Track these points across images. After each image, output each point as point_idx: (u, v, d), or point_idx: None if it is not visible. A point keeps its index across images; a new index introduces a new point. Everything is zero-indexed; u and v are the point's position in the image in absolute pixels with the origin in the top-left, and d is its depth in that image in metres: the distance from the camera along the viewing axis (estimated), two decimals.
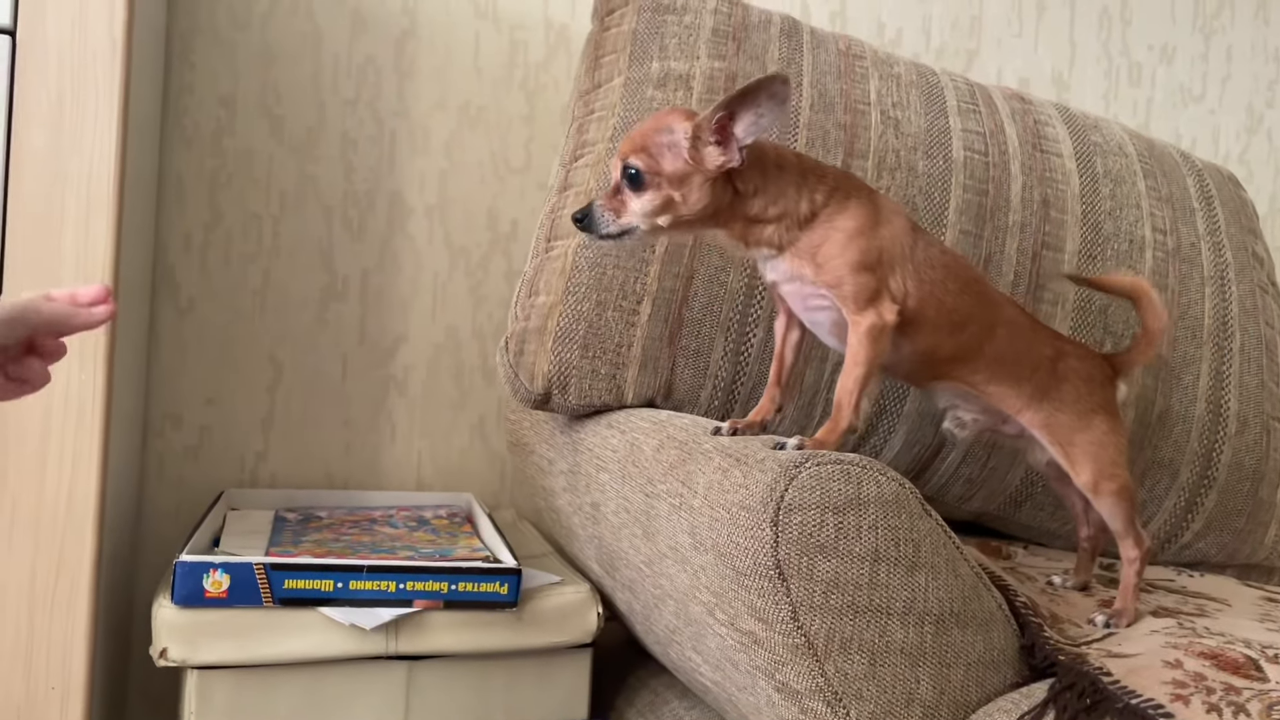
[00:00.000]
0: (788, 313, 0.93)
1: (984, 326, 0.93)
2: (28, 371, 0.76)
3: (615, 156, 0.88)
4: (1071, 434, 0.94)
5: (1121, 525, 0.96)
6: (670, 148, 0.85)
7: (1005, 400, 0.94)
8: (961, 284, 0.92)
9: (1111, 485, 0.94)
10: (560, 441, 1.15)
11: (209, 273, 1.43)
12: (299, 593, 1.02)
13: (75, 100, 0.95)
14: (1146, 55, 1.91)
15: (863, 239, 0.86)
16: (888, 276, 0.87)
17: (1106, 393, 0.98)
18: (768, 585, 0.74)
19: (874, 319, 0.85)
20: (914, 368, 0.94)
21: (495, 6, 1.52)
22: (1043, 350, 0.96)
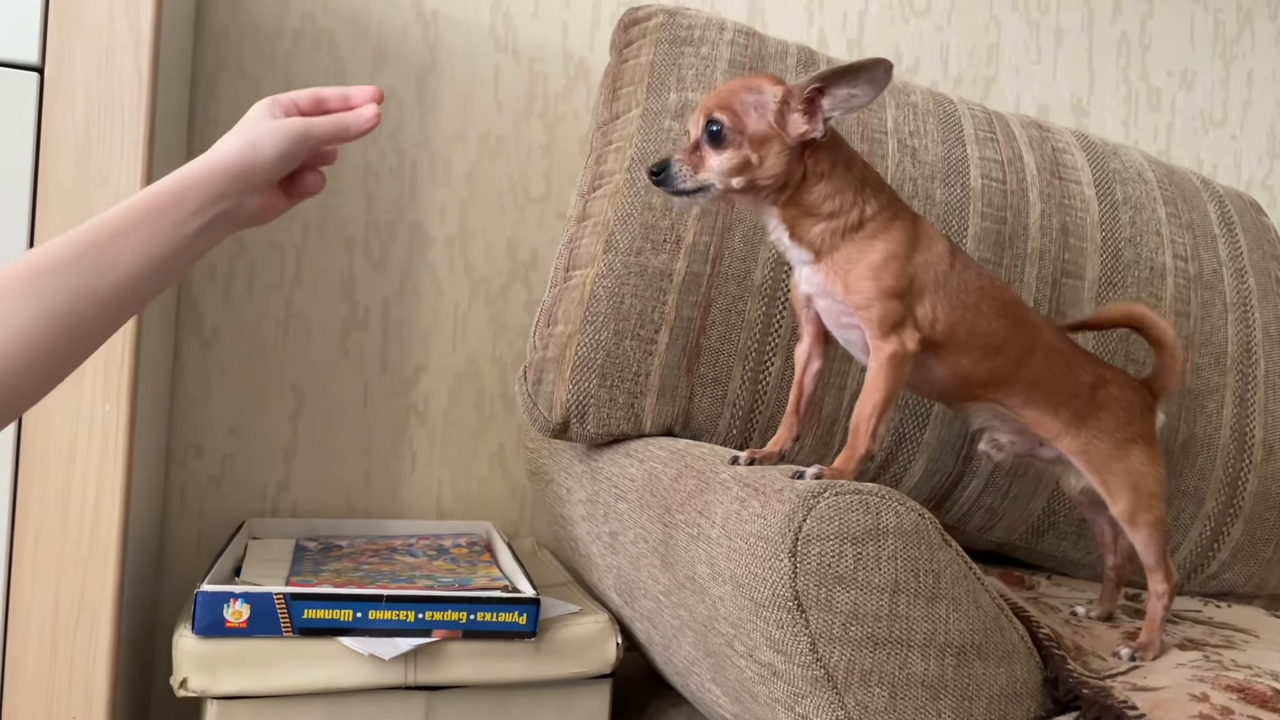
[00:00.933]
0: (812, 339, 0.93)
1: (1021, 350, 0.92)
2: (306, 186, 0.85)
3: (698, 111, 0.87)
4: (1109, 462, 0.93)
5: (1154, 558, 0.94)
6: (757, 107, 0.85)
7: (1041, 425, 0.94)
8: (998, 307, 0.92)
9: (1148, 517, 0.93)
10: (579, 470, 1.15)
11: (232, 303, 1.44)
12: (318, 622, 1.02)
13: (102, 135, 0.97)
14: (1166, 81, 1.90)
15: (896, 264, 0.86)
16: (915, 304, 0.87)
17: (1146, 422, 0.97)
18: (786, 617, 0.74)
19: (896, 346, 0.85)
20: (947, 389, 0.94)
21: (515, 40, 1.54)
22: (1082, 377, 0.95)
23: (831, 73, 0.82)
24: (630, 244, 1.09)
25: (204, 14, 1.42)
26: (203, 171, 0.75)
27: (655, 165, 0.87)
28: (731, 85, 0.87)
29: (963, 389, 0.93)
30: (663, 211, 1.11)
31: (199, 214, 0.74)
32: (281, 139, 0.78)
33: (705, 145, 0.86)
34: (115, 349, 0.97)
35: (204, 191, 0.74)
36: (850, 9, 1.70)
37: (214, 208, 0.75)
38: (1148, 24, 1.88)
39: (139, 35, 0.98)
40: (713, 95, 0.88)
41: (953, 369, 0.90)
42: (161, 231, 0.71)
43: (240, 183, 0.77)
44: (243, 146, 0.77)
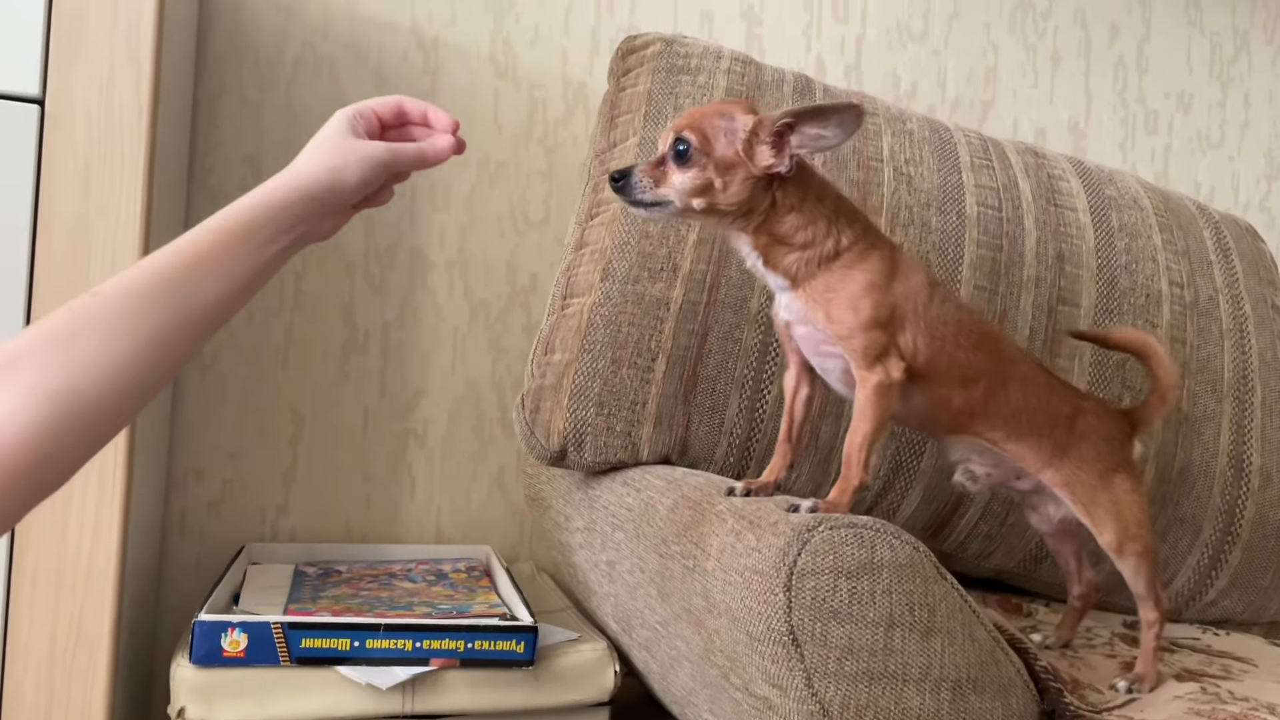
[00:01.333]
0: (798, 366, 0.93)
1: (996, 381, 0.93)
2: (375, 200, 0.87)
3: (668, 128, 0.88)
4: (1094, 493, 0.93)
5: (1144, 587, 0.94)
6: (726, 133, 0.85)
7: (1025, 458, 0.94)
8: (975, 340, 0.92)
9: (1135, 546, 0.93)
10: (577, 498, 1.15)
11: (232, 328, 1.45)
12: (316, 651, 1.02)
13: (102, 167, 0.97)
14: (1163, 103, 1.91)
15: (876, 293, 0.86)
16: (898, 333, 0.87)
17: (1125, 451, 0.98)
18: (781, 651, 0.74)
19: (881, 376, 0.85)
20: (928, 419, 0.94)
21: (515, 66, 1.55)
22: (1060, 407, 0.95)
23: (802, 110, 0.83)
24: (627, 272, 1.10)
25: (205, 41, 1.43)
26: (283, 195, 0.75)
27: (617, 172, 0.88)
28: (705, 108, 0.88)
29: (943, 420, 0.93)
30: (660, 240, 1.11)
31: (279, 238, 0.75)
32: (366, 167, 0.79)
33: (670, 162, 0.86)
34: None
35: (285, 217, 0.75)
36: (848, 35, 1.71)
37: (294, 231, 0.76)
38: (1144, 47, 1.89)
39: (139, 67, 0.98)
40: (684, 115, 0.88)
41: (931, 399, 0.90)
42: (243, 256, 0.72)
43: (322, 207, 0.78)
44: (327, 172, 0.77)
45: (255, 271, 0.73)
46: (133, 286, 0.66)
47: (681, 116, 0.88)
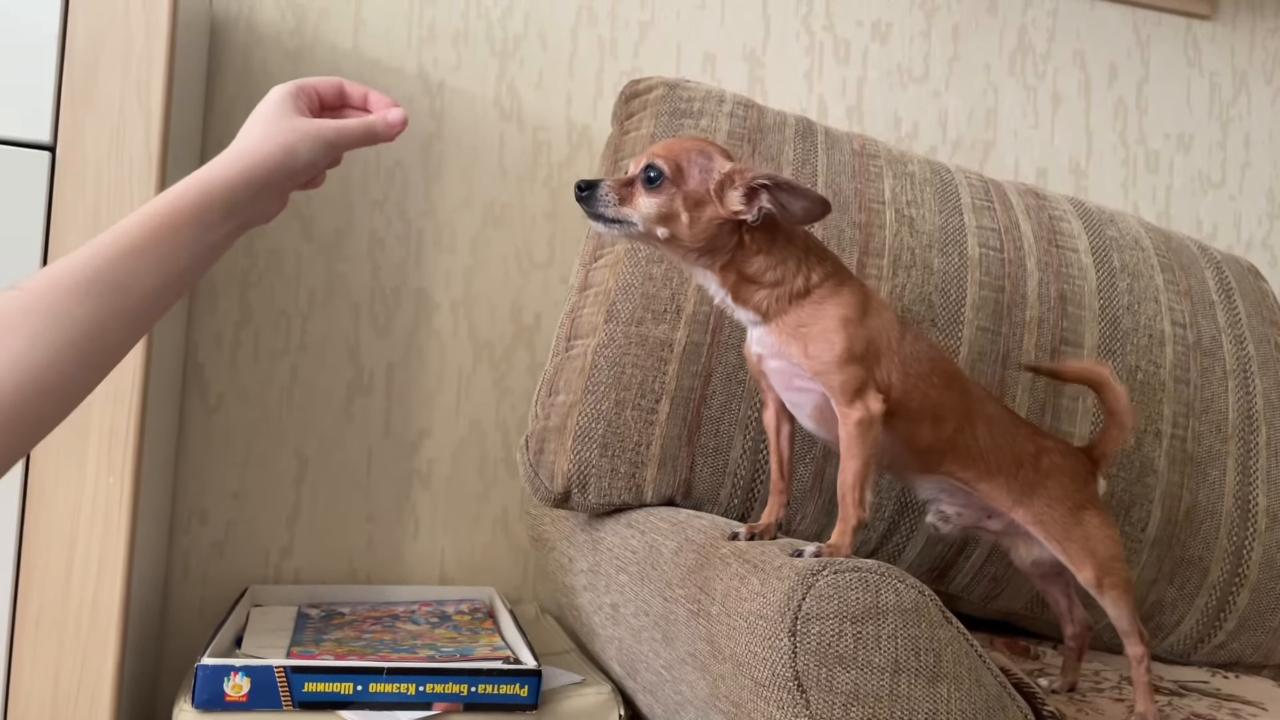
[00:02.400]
0: (776, 403, 0.93)
1: (965, 420, 0.93)
2: (318, 180, 0.85)
3: (643, 152, 0.88)
4: (1067, 530, 0.94)
5: (1126, 622, 0.94)
6: (701, 170, 0.86)
7: (996, 497, 0.94)
8: (946, 379, 0.93)
9: (1113, 580, 0.93)
10: (581, 540, 1.15)
11: (238, 370, 1.45)
12: (319, 695, 1.02)
13: (112, 214, 0.99)
14: (1164, 144, 1.93)
15: (851, 327, 0.86)
16: (874, 367, 0.87)
17: (1091, 488, 0.98)
18: (787, 697, 0.73)
19: (862, 412, 0.85)
20: (895, 458, 0.94)
21: (519, 109, 1.57)
22: (1025, 446, 0.96)
23: (780, 180, 0.84)
24: (631, 314, 1.10)
25: (214, 87, 1.45)
26: (233, 175, 0.72)
27: (584, 181, 0.87)
28: (684, 141, 0.88)
29: (914, 459, 0.93)
30: (663, 281, 1.12)
31: (227, 220, 0.71)
32: (316, 146, 0.76)
33: (639, 184, 0.86)
34: (119, 422, 0.98)
35: (232, 198, 0.71)
36: (849, 76, 1.73)
37: (244, 213, 0.72)
38: (1144, 88, 1.91)
39: (149, 116, 1.00)
40: (662, 143, 0.88)
41: (903, 437, 0.90)
42: (189, 241, 0.68)
43: (271, 189, 0.75)
44: (280, 150, 0.74)
45: (200, 257, 0.69)
46: (64, 279, 0.62)
47: (659, 144, 0.88)
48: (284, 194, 0.79)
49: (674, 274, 1.12)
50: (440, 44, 1.54)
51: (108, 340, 0.63)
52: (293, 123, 0.76)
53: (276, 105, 0.77)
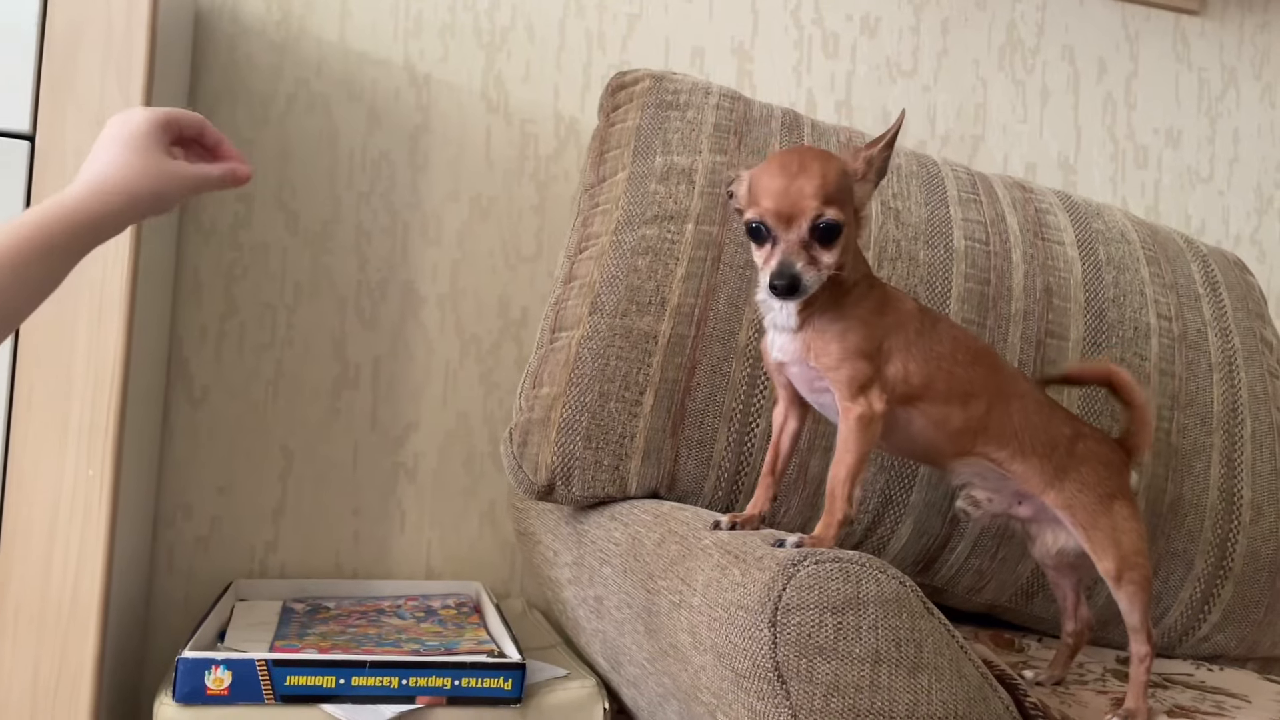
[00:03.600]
0: (787, 402, 0.93)
1: (997, 397, 0.93)
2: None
3: (791, 205, 0.81)
4: (1095, 518, 0.93)
5: (1138, 619, 0.94)
6: (850, 193, 0.84)
7: (1029, 479, 0.93)
8: (973, 355, 0.93)
9: (1134, 575, 0.93)
10: (565, 533, 1.14)
11: (223, 363, 1.45)
12: (301, 689, 1.01)
13: None
14: (1152, 139, 1.93)
15: (866, 327, 0.87)
16: (885, 364, 0.87)
17: (1123, 478, 0.98)
18: (767, 688, 0.73)
19: (863, 408, 0.85)
20: (932, 444, 0.93)
21: (506, 101, 1.56)
22: (1061, 429, 0.95)
23: (890, 138, 0.86)
24: (616, 306, 1.10)
25: (198, 79, 1.44)
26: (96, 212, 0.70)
27: (786, 280, 0.81)
28: (827, 174, 0.82)
29: (947, 442, 0.93)
30: (648, 274, 1.11)
31: (84, 252, 0.69)
32: (182, 191, 0.75)
33: (815, 242, 0.82)
34: (99, 414, 0.97)
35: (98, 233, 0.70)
36: (838, 71, 1.73)
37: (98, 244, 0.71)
38: (1132, 83, 1.91)
39: (130, 103, 0.99)
40: (810, 180, 0.82)
41: (932, 420, 0.90)
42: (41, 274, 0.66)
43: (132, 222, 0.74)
44: (147, 194, 0.73)
45: (47, 287, 0.68)
46: None
47: (805, 179, 0.82)
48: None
49: (659, 266, 1.12)
50: (427, 36, 1.53)
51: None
52: (163, 164, 0.75)
53: (145, 138, 0.75)
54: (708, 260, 1.13)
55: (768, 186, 0.83)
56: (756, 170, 0.86)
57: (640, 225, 1.14)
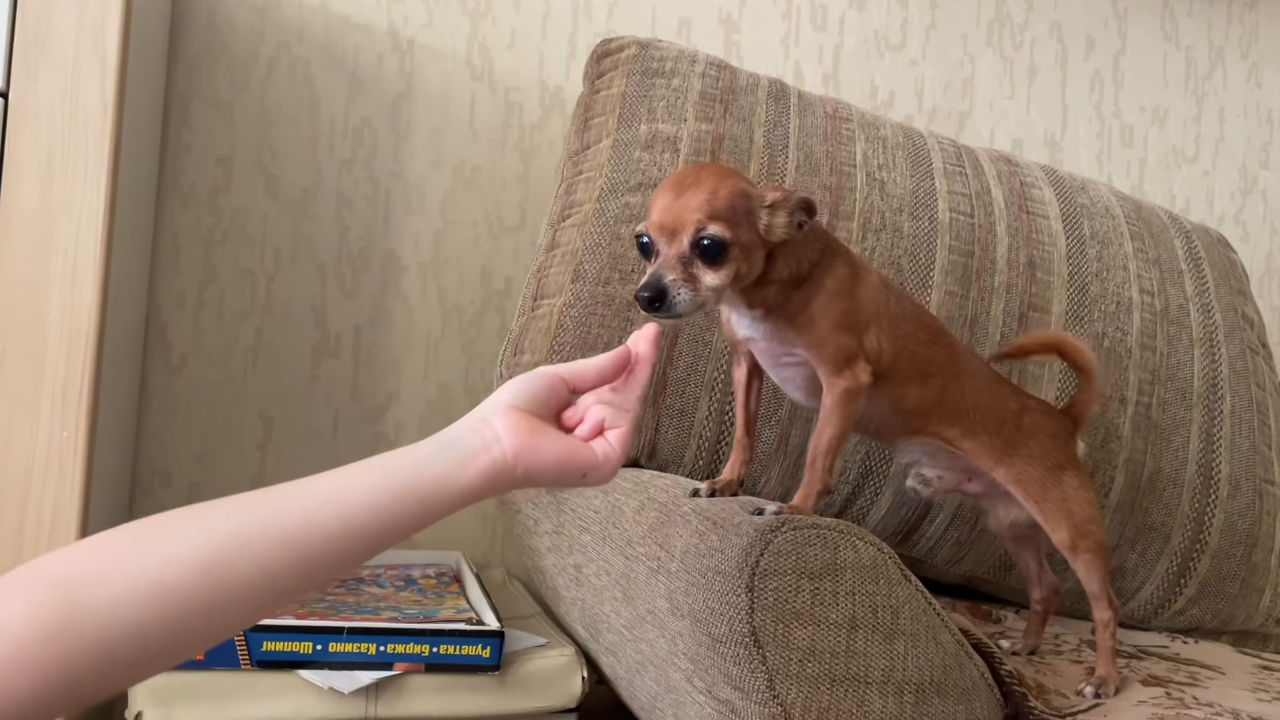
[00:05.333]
0: (748, 364, 0.92)
1: (951, 376, 0.93)
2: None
3: (674, 219, 0.78)
4: (1045, 490, 0.94)
5: (1097, 585, 0.95)
6: (747, 215, 0.80)
7: (979, 456, 0.94)
8: (930, 335, 0.93)
9: (1087, 543, 0.93)
10: (545, 501, 1.14)
11: (201, 330, 1.43)
12: (277, 655, 1.01)
13: (65, 162, 0.96)
14: (1139, 117, 1.92)
15: (843, 300, 0.86)
16: (863, 336, 0.87)
17: (1071, 449, 0.98)
18: (743, 653, 0.73)
19: (850, 381, 0.85)
20: (884, 421, 0.93)
21: (491, 69, 1.55)
22: (1008, 404, 0.96)
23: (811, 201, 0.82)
24: (598, 274, 1.09)
25: (177, 40, 1.42)
26: (456, 491, 0.64)
27: (648, 289, 0.77)
28: (719, 189, 0.79)
29: (900, 420, 0.93)
30: (631, 242, 1.11)
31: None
32: (547, 481, 0.67)
33: (697, 259, 0.78)
34: (73, 374, 0.96)
35: (448, 511, 0.65)
36: (826, 43, 1.72)
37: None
38: (1120, 61, 1.90)
39: (105, 61, 0.97)
40: (697, 194, 0.78)
41: (890, 398, 0.90)
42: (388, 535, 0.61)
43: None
44: (518, 478, 0.66)
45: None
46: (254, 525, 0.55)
47: (693, 195, 0.78)
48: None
49: None
50: (411, 1, 1.51)
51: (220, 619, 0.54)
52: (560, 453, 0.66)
53: (529, 416, 0.66)
54: None
55: (657, 200, 0.80)
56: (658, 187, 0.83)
57: (624, 193, 1.13)
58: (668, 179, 0.83)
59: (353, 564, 0.60)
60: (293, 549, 0.56)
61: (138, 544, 0.52)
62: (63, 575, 0.50)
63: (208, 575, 0.52)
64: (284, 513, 0.57)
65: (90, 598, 0.49)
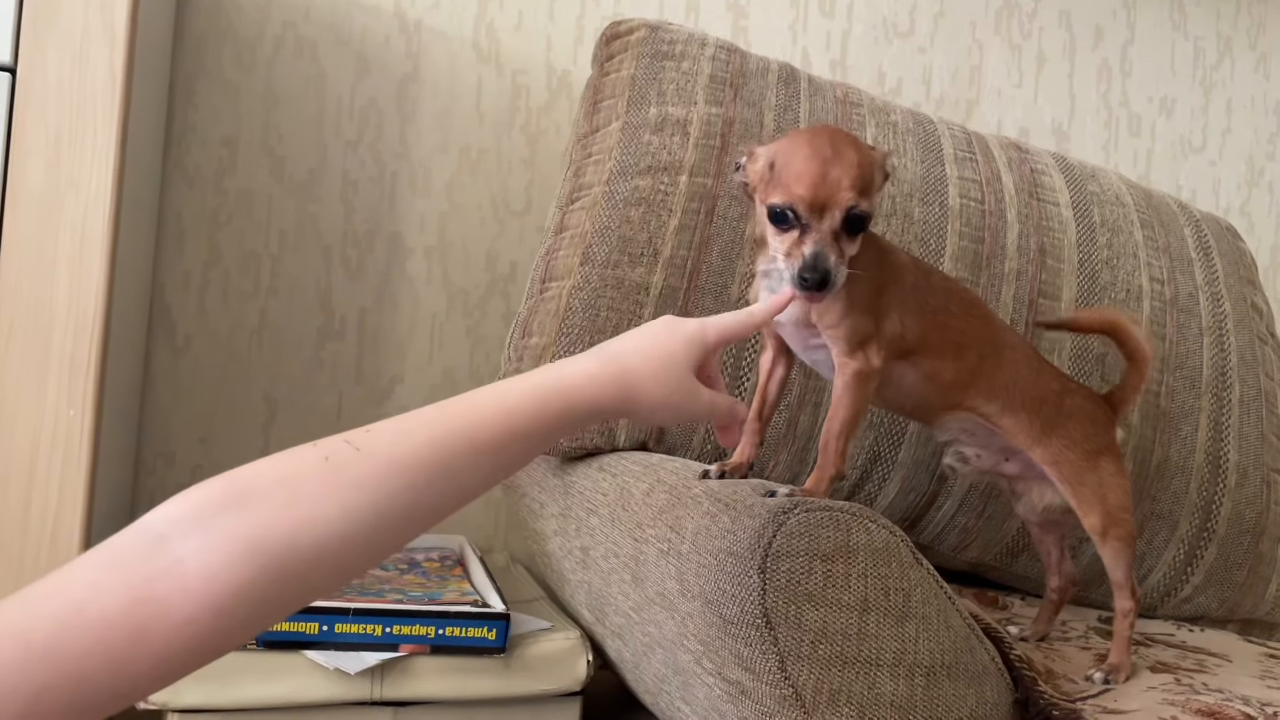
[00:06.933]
0: (775, 350, 0.92)
1: (988, 349, 0.92)
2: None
3: (827, 195, 0.78)
4: (1081, 474, 0.93)
5: (1122, 575, 0.94)
6: (873, 181, 0.80)
7: (1017, 434, 0.93)
8: (964, 307, 0.92)
9: (1119, 531, 0.93)
10: (552, 484, 1.14)
11: (206, 311, 1.43)
12: (283, 635, 1.00)
13: (73, 139, 0.96)
14: (1146, 107, 1.92)
15: (866, 283, 0.85)
16: (882, 320, 0.86)
17: (1109, 435, 0.97)
18: (755, 634, 0.73)
19: (861, 364, 0.84)
20: (921, 397, 0.92)
21: (498, 51, 1.54)
22: (1049, 384, 0.95)
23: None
24: (607, 257, 1.09)
25: (183, 18, 1.41)
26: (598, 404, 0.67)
27: (820, 274, 0.77)
28: (860, 161, 0.79)
29: (937, 395, 0.92)
30: (640, 225, 1.10)
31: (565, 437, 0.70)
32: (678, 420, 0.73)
33: (844, 234, 0.79)
34: (80, 353, 0.96)
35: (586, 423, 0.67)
36: (834, 29, 1.71)
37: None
38: (1129, 51, 1.90)
39: (113, 37, 0.97)
40: (845, 168, 0.78)
41: (926, 374, 0.89)
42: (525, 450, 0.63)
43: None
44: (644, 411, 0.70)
45: (527, 461, 0.65)
46: (399, 455, 0.57)
47: (839, 169, 0.78)
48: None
49: (651, 218, 1.10)
50: None
51: (406, 528, 0.57)
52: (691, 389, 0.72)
53: (687, 364, 0.72)
54: (701, 212, 1.12)
55: (800, 171, 0.78)
56: (780, 149, 0.82)
57: (634, 176, 1.12)
58: (802, 147, 0.81)
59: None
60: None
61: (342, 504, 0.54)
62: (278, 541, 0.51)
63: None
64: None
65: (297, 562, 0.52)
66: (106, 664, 0.46)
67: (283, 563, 0.51)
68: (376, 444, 0.57)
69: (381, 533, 0.55)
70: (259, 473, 0.54)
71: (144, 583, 0.48)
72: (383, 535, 0.55)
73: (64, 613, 0.46)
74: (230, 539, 0.50)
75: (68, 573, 0.49)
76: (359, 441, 0.56)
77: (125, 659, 0.46)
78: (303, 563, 0.51)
